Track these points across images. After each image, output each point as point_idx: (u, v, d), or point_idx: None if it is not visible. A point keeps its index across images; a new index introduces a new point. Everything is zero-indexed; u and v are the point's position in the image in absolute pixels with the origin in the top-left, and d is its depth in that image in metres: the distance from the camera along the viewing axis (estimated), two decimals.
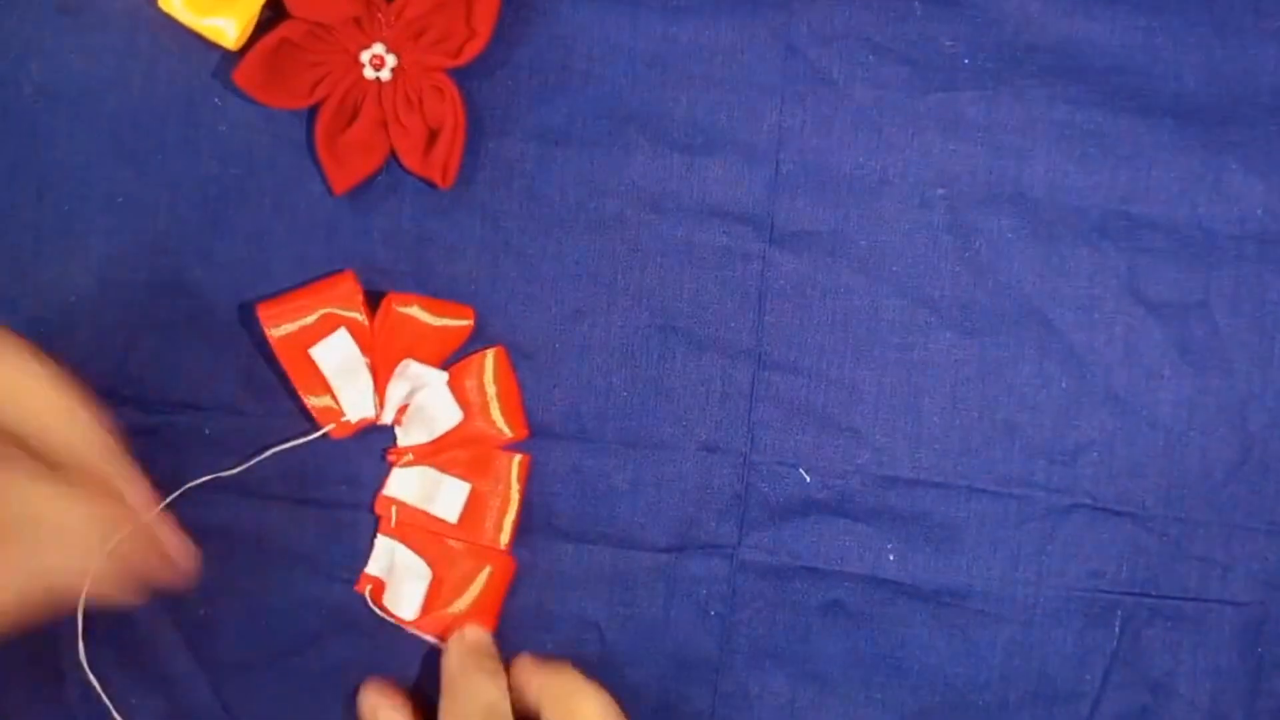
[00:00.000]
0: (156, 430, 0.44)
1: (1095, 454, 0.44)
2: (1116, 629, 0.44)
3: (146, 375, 0.44)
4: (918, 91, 0.45)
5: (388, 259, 0.44)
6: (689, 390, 0.45)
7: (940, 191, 0.45)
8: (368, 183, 0.44)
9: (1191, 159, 0.44)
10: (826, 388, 0.45)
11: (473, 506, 0.43)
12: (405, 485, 0.44)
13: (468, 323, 0.44)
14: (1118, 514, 0.44)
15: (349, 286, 0.43)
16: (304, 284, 0.44)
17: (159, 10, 0.43)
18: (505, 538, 0.43)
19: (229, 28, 0.42)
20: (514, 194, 0.45)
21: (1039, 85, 0.44)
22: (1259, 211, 0.45)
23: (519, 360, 0.45)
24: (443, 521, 0.43)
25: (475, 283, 0.45)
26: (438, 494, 0.43)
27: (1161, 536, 0.44)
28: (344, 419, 0.43)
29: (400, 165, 0.44)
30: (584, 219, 0.45)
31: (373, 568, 0.44)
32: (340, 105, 0.43)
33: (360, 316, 0.43)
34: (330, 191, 0.44)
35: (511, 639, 0.44)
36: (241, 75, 0.42)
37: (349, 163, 0.43)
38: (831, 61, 0.45)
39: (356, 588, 0.43)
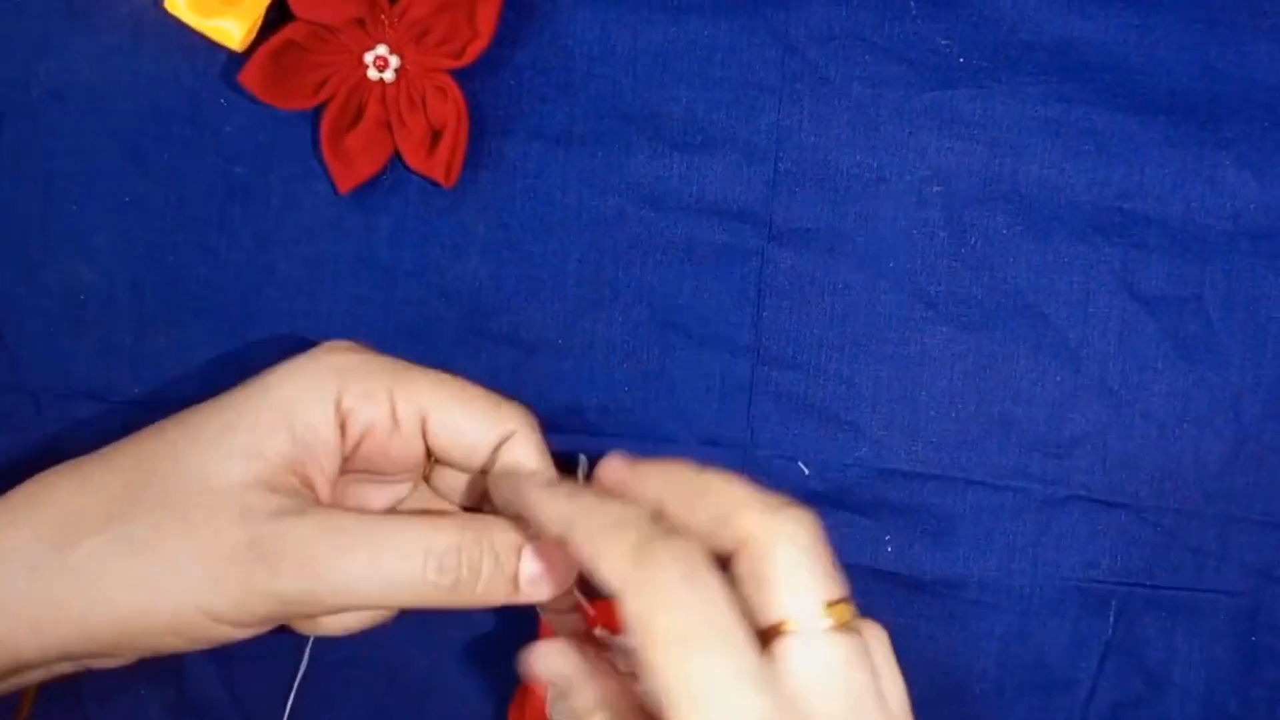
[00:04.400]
0: None
1: (1090, 446, 0.45)
2: (1111, 618, 0.45)
3: (153, 374, 0.45)
4: (914, 90, 0.45)
5: (392, 257, 0.45)
6: (690, 385, 0.45)
7: (936, 188, 0.45)
8: (372, 182, 0.44)
9: (1185, 155, 0.45)
10: (825, 382, 0.45)
11: None
12: None
13: None
14: (1112, 505, 0.45)
15: None
16: (309, 284, 0.45)
17: (165, 13, 0.43)
18: None
19: (234, 29, 0.43)
20: (516, 192, 0.45)
21: (1034, 83, 0.45)
22: (1252, 207, 0.45)
23: (522, 356, 0.45)
24: None
25: (479, 280, 0.45)
26: None
27: (1155, 527, 0.45)
28: None
29: (404, 164, 0.44)
30: (585, 217, 0.45)
31: None
32: (344, 106, 0.43)
33: None
34: (335, 190, 0.44)
35: (522, 621, 0.44)
36: (247, 76, 0.42)
37: (353, 162, 0.44)
38: (829, 61, 0.45)
39: None
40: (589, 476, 0.42)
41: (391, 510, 0.41)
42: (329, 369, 0.38)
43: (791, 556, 0.32)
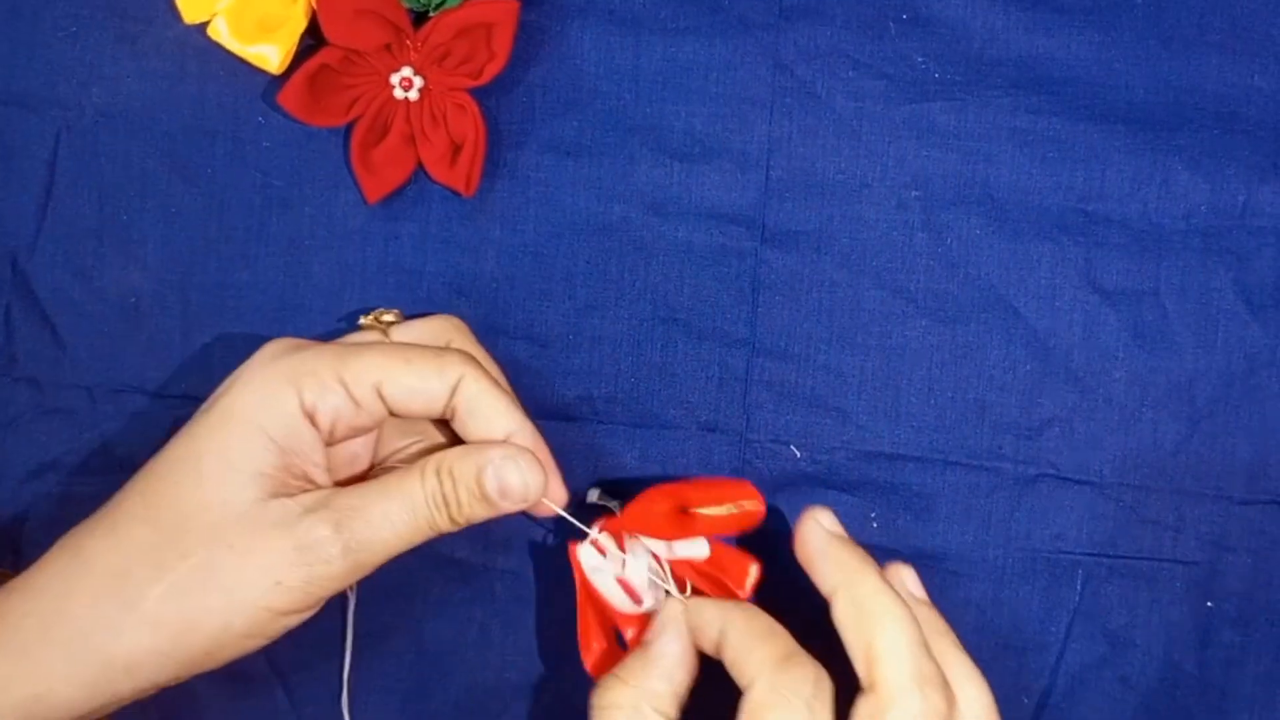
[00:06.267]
0: None
1: (1057, 429, 0.45)
2: (1078, 586, 0.45)
3: (199, 370, 0.46)
4: (894, 103, 0.45)
5: (416, 261, 0.46)
6: (690, 376, 0.46)
7: (915, 193, 0.46)
8: (398, 192, 0.45)
9: (1142, 161, 0.45)
10: (814, 372, 0.46)
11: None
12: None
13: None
14: (1078, 483, 0.45)
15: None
16: (340, 286, 0.45)
17: (208, 39, 0.44)
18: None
19: (272, 54, 0.44)
20: (530, 200, 0.46)
21: (1003, 95, 0.45)
22: (1203, 208, 0.45)
23: (536, 350, 0.46)
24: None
25: (496, 281, 0.46)
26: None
27: (1118, 502, 0.45)
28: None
29: (427, 176, 0.45)
30: (593, 222, 0.46)
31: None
32: (373, 123, 0.44)
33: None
34: (364, 200, 0.45)
35: (534, 603, 0.46)
36: (284, 97, 0.43)
37: (381, 174, 0.45)
38: (816, 77, 0.45)
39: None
40: (601, 506, 0.43)
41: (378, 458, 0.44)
42: (279, 376, 0.39)
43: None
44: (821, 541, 0.39)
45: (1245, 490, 0.46)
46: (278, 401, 0.39)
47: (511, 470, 0.40)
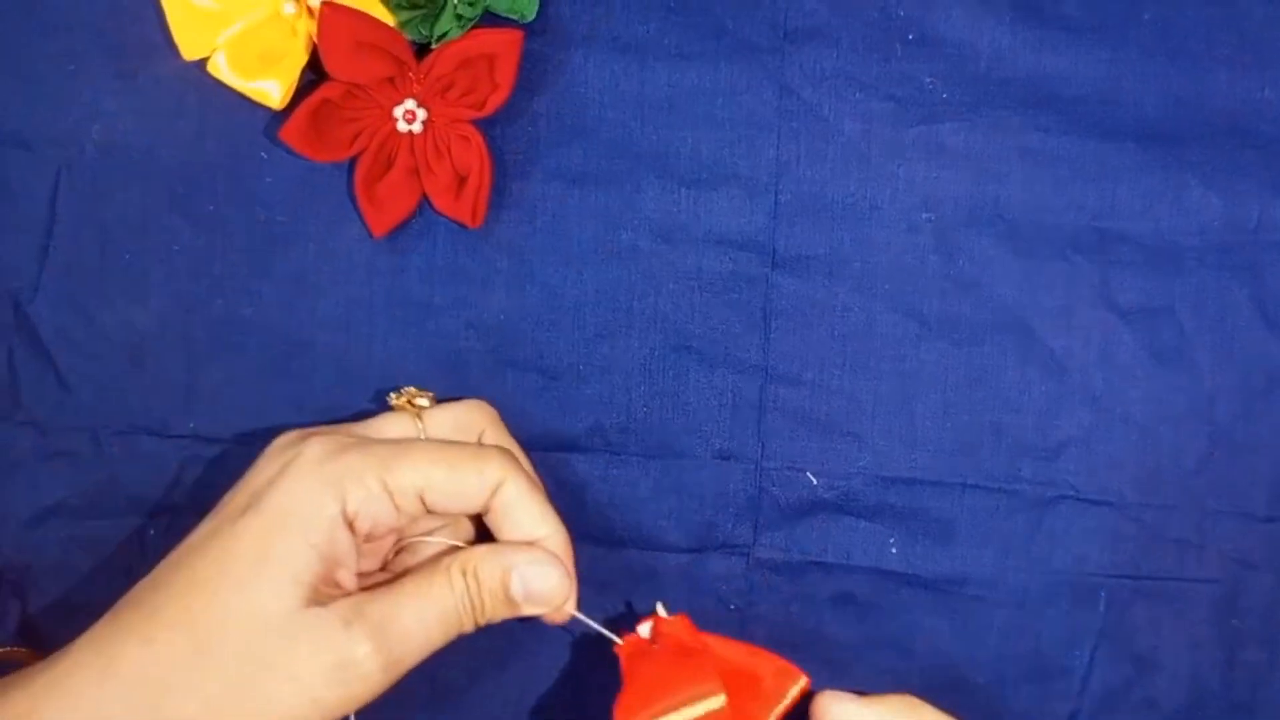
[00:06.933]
0: (218, 459, 0.45)
1: (1075, 450, 0.45)
2: (1101, 609, 0.45)
3: (205, 408, 0.46)
4: (902, 124, 0.45)
5: (424, 293, 0.46)
6: (703, 404, 0.46)
7: (926, 215, 0.46)
8: (403, 225, 0.45)
9: (1154, 178, 0.45)
10: (829, 397, 0.46)
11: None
12: None
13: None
14: (1098, 503, 0.45)
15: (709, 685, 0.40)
16: (348, 321, 0.45)
17: (208, 75, 0.44)
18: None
19: (273, 89, 0.44)
20: (537, 230, 0.46)
21: (1013, 115, 0.45)
22: (1217, 224, 0.45)
23: (546, 382, 0.46)
24: None
25: (504, 312, 0.46)
26: None
27: (1139, 522, 0.45)
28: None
29: (433, 208, 0.45)
30: (601, 251, 0.46)
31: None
32: (377, 156, 0.44)
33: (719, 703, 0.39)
34: (369, 234, 0.45)
35: (548, 634, 0.45)
36: (287, 133, 0.43)
37: (386, 208, 0.45)
38: (823, 100, 0.45)
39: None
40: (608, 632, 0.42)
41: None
42: (325, 481, 0.39)
43: None
44: None
45: (1268, 507, 0.46)
46: (321, 507, 0.39)
47: (537, 576, 0.40)
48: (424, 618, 0.39)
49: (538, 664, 0.46)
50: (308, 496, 0.39)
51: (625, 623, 0.43)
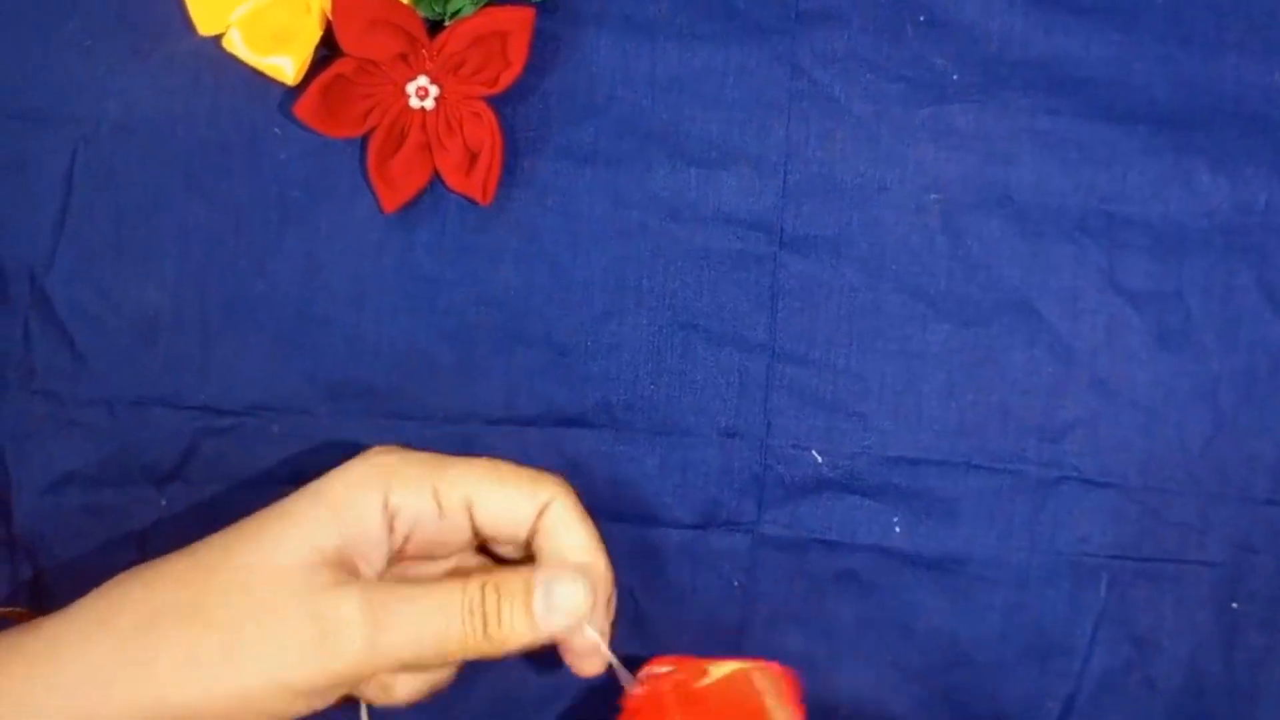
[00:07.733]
0: (230, 430, 0.46)
1: (1080, 432, 0.45)
2: (1103, 590, 0.45)
3: (219, 382, 0.46)
4: (912, 105, 0.45)
5: (434, 269, 0.46)
6: (710, 382, 0.46)
7: (934, 196, 0.46)
8: (415, 202, 0.45)
9: (1163, 161, 0.45)
10: (835, 377, 0.46)
11: None
12: None
13: None
14: (1102, 485, 0.45)
15: None
16: (359, 296, 0.46)
17: (223, 51, 0.44)
18: None
19: (287, 65, 0.44)
20: (547, 208, 0.46)
21: (1022, 97, 0.45)
22: (1225, 207, 0.45)
23: (554, 357, 0.46)
24: None
25: (513, 289, 0.46)
26: None
27: (1142, 505, 0.45)
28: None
29: (444, 185, 0.45)
30: (610, 229, 0.46)
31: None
32: (389, 132, 0.44)
33: None
34: (381, 210, 0.45)
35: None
36: (301, 108, 0.43)
37: (398, 184, 0.45)
38: (833, 80, 0.46)
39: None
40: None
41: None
42: (375, 470, 0.39)
43: None
44: None
45: (1270, 491, 0.46)
46: (362, 494, 0.39)
47: (562, 586, 0.39)
48: (424, 606, 0.38)
49: (531, 663, 0.46)
50: (352, 482, 0.39)
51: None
